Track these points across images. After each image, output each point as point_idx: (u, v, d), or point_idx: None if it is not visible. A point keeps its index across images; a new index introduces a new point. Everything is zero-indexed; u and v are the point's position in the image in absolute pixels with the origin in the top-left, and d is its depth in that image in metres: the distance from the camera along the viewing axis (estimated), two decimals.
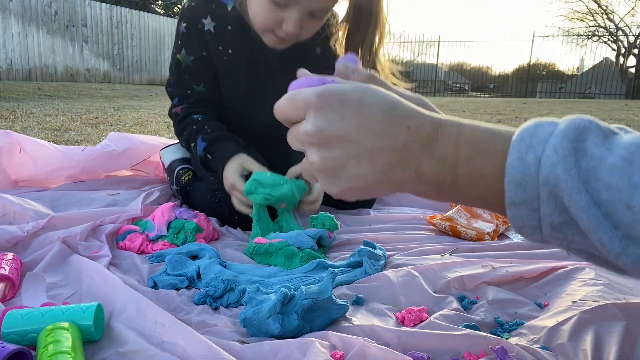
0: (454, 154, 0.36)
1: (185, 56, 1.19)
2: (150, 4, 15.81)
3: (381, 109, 0.38)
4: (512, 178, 0.33)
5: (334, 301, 0.66)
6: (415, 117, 0.38)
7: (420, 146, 0.37)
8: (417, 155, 0.37)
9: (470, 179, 0.36)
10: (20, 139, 1.29)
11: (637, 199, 0.29)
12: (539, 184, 0.32)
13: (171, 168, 1.33)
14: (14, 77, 8.30)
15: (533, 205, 0.33)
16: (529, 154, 0.33)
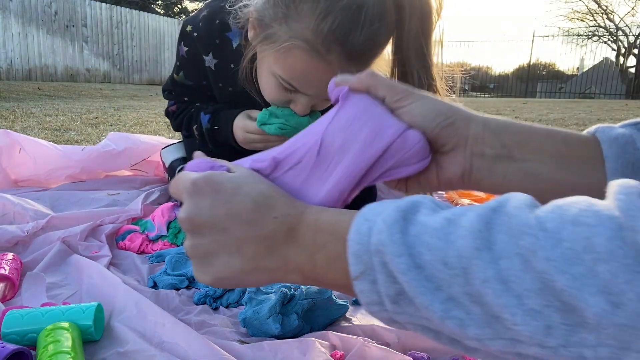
0: (312, 240, 0.37)
1: (183, 79, 1.14)
2: (150, 4, 15.82)
3: (253, 199, 0.39)
4: (352, 252, 0.33)
5: (334, 301, 0.66)
6: (283, 207, 0.39)
7: (286, 234, 0.38)
8: (282, 244, 0.38)
9: (327, 263, 0.36)
10: (20, 139, 1.30)
11: (452, 254, 0.29)
12: (371, 253, 0.32)
13: (172, 168, 1.34)
14: (14, 77, 8.30)
15: (370, 276, 0.33)
16: (364, 225, 0.33)
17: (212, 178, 0.40)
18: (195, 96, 1.17)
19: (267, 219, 0.38)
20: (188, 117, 1.16)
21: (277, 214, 0.38)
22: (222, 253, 0.39)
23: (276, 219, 0.38)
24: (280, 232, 0.38)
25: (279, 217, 0.38)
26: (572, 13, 20.32)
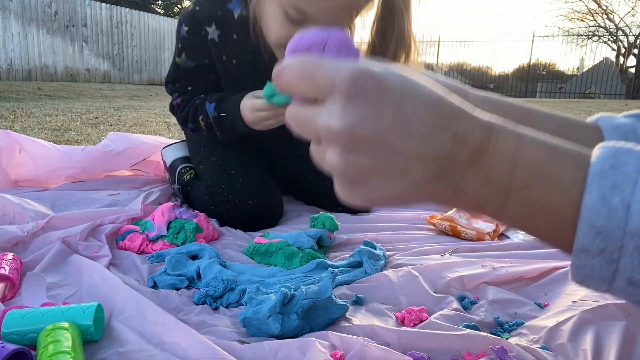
0: (508, 174, 0.30)
1: (185, 61, 1.16)
2: (150, 4, 15.81)
3: (426, 107, 0.30)
4: (591, 223, 0.28)
5: (334, 301, 0.66)
6: (463, 120, 0.30)
7: (466, 159, 0.30)
8: (460, 170, 0.31)
9: (525, 208, 0.30)
10: (20, 139, 1.30)
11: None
12: (625, 234, 0.27)
13: (173, 167, 1.33)
14: (14, 77, 8.30)
15: (612, 256, 0.28)
16: (615, 195, 0.27)
17: (375, 74, 0.30)
18: (198, 81, 1.18)
19: (444, 136, 0.30)
20: (194, 109, 1.15)
21: (459, 129, 0.30)
22: (381, 174, 0.31)
23: (456, 138, 0.30)
24: (460, 155, 0.30)
25: (460, 135, 0.30)
26: (572, 13, 20.32)
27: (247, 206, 1.10)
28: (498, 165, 0.30)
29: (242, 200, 1.10)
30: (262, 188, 1.14)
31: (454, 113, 0.30)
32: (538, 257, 0.90)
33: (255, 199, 1.11)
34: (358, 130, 0.30)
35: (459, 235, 1.07)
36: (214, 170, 1.18)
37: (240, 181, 1.13)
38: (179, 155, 1.36)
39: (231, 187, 1.12)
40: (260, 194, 1.12)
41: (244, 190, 1.12)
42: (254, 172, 1.16)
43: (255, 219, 1.11)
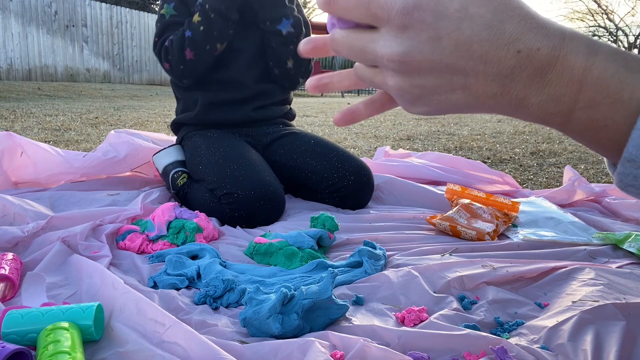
0: (575, 93, 0.30)
1: (167, 8, 1.33)
2: (150, 4, 15.81)
3: (487, 24, 0.29)
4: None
5: (334, 301, 0.66)
6: (528, 36, 0.29)
7: (531, 76, 0.30)
8: (524, 87, 0.30)
9: (589, 126, 0.30)
10: (23, 142, 1.30)
11: None
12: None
13: (166, 172, 1.34)
14: (14, 77, 8.30)
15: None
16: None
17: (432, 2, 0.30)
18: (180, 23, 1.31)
19: (507, 54, 0.29)
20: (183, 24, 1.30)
21: (522, 47, 0.29)
22: (443, 91, 0.32)
23: (519, 55, 0.29)
24: (524, 71, 0.30)
25: (524, 53, 0.29)
26: (572, 13, 20.31)
27: (249, 197, 1.11)
28: (565, 83, 0.30)
29: (244, 191, 1.11)
30: (264, 179, 1.15)
31: (518, 29, 0.30)
32: (538, 257, 0.90)
33: (257, 189, 1.12)
34: (417, 55, 0.30)
35: (459, 235, 1.07)
36: (215, 168, 1.19)
37: (243, 174, 1.15)
38: (170, 160, 1.36)
39: (234, 180, 1.13)
40: (262, 184, 1.13)
41: (246, 181, 1.13)
42: (255, 166, 1.18)
43: (258, 211, 1.11)
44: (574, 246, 0.98)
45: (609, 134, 0.30)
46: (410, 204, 1.36)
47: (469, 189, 1.28)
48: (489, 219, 1.11)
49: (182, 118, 1.43)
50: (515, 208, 1.20)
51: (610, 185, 1.52)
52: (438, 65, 0.31)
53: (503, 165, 2.18)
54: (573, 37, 0.30)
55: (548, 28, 0.30)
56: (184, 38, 1.27)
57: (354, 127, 3.75)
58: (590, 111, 0.30)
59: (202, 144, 1.29)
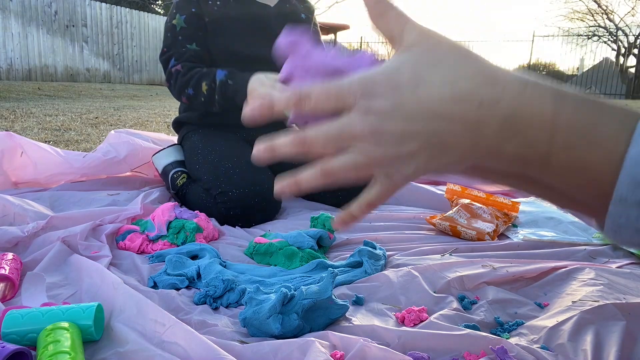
0: (548, 137, 0.30)
1: (178, 18, 1.31)
2: (150, 4, 15.81)
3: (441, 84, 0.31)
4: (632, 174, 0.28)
5: (334, 301, 0.66)
6: (486, 90, 0.30)
7: (499, 126, 0.30)
8: (495, 136, 0.31)
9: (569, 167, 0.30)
10: (23, 142, 1.30)
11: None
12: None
13: (165, 172, 1.34)
14: (14, 77, 8.30)
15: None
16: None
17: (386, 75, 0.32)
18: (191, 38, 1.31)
19: (470, 108, 0.30)
20: (199, 75, 1.26)
21: (484, 98, 0.30)
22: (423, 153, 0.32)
23: (481, 107, 0.30)
24: (491, 122, 0.30)
25: (485, 105, 0.30)
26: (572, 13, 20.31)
27: (243, 195, 1.11)
28: (536, 129, 0.30)
29: (238, 189, 1.11)
30: (258, 178, 1.15)
31: (474, 85, 0.31)
32: (538, 257, 0.90)
33: (252, 187, 1.12)
34: (390, 124, 0.32)
35: (459, 235, 1.07)
36: (210, 167, 1.19)
37: (238, 173, 1.15)
38: (170, 160, 1.36)
39: (228, 179, 1.13)
40: (257, 183, 1.13)
41: (240, 180, 1.13)
42: (250, 165, 1.18)
43: (252, 209, 1.11)
44: (574, 246, 0.98)
45: (591, 174, 0.30)
46: (410, 204, 1.36)
47: (469, 189, 1.28)
48: (489, 219, 1.11)
49: (184, 117, 1.43)
50: (515, 208, 1.20)
51: None
52: (410, 129, 0.32)
53: None
54: (536, 85, 0.31)
55: (506, 79, 0.31)
56: (186, 88, 1.27)
57: None
58: (568, 152, 0.30)
59: (199, 143, 1.30)
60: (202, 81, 1.24)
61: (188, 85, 1.26)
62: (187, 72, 1.27)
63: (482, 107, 0.30)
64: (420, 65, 0.32)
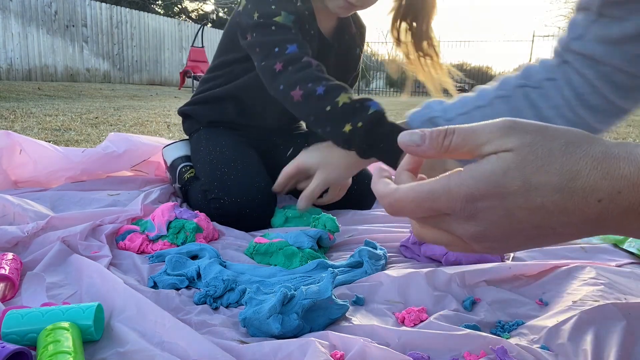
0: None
1: (286, 16, 1.08)
2: (150, 4, 15.81)
3: (555, 188, 0.29)
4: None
5: (334, 301, 0.66)
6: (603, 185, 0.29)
7: (622, 214, 0.30)
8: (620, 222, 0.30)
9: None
10: (21, 140, 1.29)
11: None
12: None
13: (173, 166, 1.34)
14: (14, 77, 8.30)
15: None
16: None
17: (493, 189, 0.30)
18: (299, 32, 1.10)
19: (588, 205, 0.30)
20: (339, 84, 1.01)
21: (602, 196, 0.29)
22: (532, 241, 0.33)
23: (602, 203, 0.29)
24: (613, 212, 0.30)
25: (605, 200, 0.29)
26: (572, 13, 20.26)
27: (235, 204, 1.09)
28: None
29: (231, 197, 1.10)
30: (253, 187, 1.12)
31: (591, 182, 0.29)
32: (538, 256, 0.90)
33: (245, 196, 1.10)
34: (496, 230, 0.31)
35: None
36: (208, 168, 1.19)
37: (232, 179, 1.12)
38: (180, 154, 1.36)
39: (222, 185, 1.12)
40: (251, 192, 1.11)
41: (235, 188, 1.11)
42: (247, 171, 1.15)
43: (244, 218, 1.10)
44: (573, 245, 0.98)
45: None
46: None
47: None
48: None
49: (194, 112, 1.38)
50: None
51: None
52: (520, 231, 0.31)
53: None
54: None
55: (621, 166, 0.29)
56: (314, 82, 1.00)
57: None
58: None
59: (203, 140, 1.29)
60: (342, 91, 0.98)
61: (319, 82, 0.99)
62: (323, 71, 1.04)
63: (603, 202, 0.29)
64: (528, 169, 0.30)
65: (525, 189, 0.30)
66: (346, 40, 1.31)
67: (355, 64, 1.38)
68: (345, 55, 1.32)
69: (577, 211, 0.30)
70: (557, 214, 0.30)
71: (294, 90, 1.01)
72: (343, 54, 1.31)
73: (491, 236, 0.32)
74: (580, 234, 0.32)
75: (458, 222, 0.32)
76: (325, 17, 1.23)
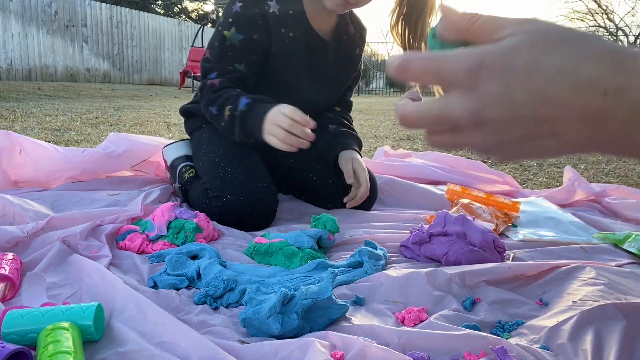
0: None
1: (234, 34, 1.18)
2: (150, 4, 15.81)
3: (559, 70, 0.28)
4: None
5: (334, 301, 0.66)
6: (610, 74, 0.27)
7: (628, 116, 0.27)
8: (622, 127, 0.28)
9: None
10: (21, 140, 1.29)
11: None
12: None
13: (173, 165, 1.34)
14: (14, 77, 8.30)
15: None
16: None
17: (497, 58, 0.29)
18: (241, 60, 1.19)
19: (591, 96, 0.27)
20: (227, 96, 1.15)
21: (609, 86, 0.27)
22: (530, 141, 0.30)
23: (607, 96, 0.27)
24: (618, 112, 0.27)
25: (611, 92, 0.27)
26: (572, 13, 20.30)
27: (238, 202, 1.09)
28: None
29: (233, 196, 1.10)
30: (255, 186, 1.13)
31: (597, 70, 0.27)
32: (538, 256, 0.90)
33: (247, 195, 1.10)
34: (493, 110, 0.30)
35: None
36: (210, 167, 1.19)
37: (235, 177, 1.13)
38: (180, 154, 1.36)
39: (225, 183, 1.12)
40: (253, 191, 1.11)
41: (237, 186, 1.11)
42: (250, 171, 1.16)
43: (246, 217, 1.10)
44: (573, 244, 0.98)
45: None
46: (410, 204, 1.36)
47: (469, 189, 1.28)
48: (488, 218, 1.11)
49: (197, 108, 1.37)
50: (515, 208, 1.20)
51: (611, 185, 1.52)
52: (517, 116, 0.29)
53: (503, 165, 2.18)
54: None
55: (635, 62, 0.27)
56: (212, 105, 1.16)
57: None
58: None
59: (205, 138, 1.28)
60: (226, 104, 1.13)
61: (214, 103, 1.15)
62: (219, 89, 1.16)
63: (608, 95, 0.27)
64: (538, 49, 0.29)
65: (530, 67, 0.29)
66: (345, 40, 1.32)
67: (355, 63, 1.39)
68: (344, 54, 1.33)
69: (579, 102, 0.28)
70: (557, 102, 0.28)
71: (207, 115, 1.20)
72: (342, 53, 1.32)
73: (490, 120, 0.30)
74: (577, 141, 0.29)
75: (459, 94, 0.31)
76: (323, 17, 1.25)
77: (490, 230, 0.91)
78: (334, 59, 1.30)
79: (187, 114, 1.43)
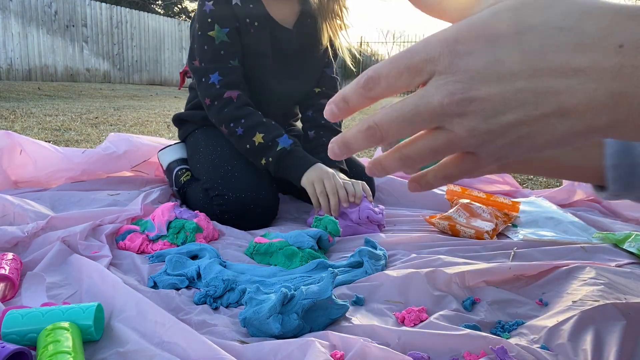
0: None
1: (219, 30, 1.19)
2: (150, 4, 15.80)
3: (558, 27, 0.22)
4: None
5: (334, 301, 0.66)
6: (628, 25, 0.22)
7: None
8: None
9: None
10: (21, 140, 1.30)
11: None
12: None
13: (170, 169, 1.34)
14: (14, 77, 8.30)
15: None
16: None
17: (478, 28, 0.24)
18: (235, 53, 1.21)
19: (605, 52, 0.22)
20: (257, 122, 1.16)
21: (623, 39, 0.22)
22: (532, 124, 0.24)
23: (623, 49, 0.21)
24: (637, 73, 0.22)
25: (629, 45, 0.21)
26: None
27: (240, 200, 1.10)
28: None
29: (235, 193, 1.10)
30: (256, 183, 1.13)
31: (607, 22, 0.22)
32: (537, 256, 0.90)
33: (248, 192, 1.11)
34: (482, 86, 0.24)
35: (458, 234, 1.07)
36: (210, 167, 1.19)
37: (236, 176, 1.14)
38: (175, 157, 1.36)
39: (226, 182, 1.12)
40: (254, 188, 1.12)
41: (238, 184, 1.12)
42: (250, 169, 1.17)
43: (247, 214, 1.11)
44: (573, 244, 0.98)
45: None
46: (410, 204, 1.36)
47: (469, 189, 1.28)
48: (488, 218, 1.11)
49: (187, 115, 1.39)
50: (515, 208, 1.20)
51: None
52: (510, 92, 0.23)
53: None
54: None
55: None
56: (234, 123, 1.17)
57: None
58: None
59: (202, 141, 1.29)
60: (258, 130, 1.15)
61: (238, 122, 1.16)
62: (241, 106, 1.18)
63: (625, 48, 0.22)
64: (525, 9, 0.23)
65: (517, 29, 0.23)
66: (309, 25, 1.31)
67: (324, 51, 1.35)
68: (310, 42, 1.31)
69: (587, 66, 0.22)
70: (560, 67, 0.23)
71: (221, 127, 1.20)
72: (307, 41, 1.31)
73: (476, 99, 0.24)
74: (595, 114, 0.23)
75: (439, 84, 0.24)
76: (283, 6, 1.27)
77: (369, 207, 1.08)
78: (300, 46, 1.30)
79: (180, 122, 1.44)
